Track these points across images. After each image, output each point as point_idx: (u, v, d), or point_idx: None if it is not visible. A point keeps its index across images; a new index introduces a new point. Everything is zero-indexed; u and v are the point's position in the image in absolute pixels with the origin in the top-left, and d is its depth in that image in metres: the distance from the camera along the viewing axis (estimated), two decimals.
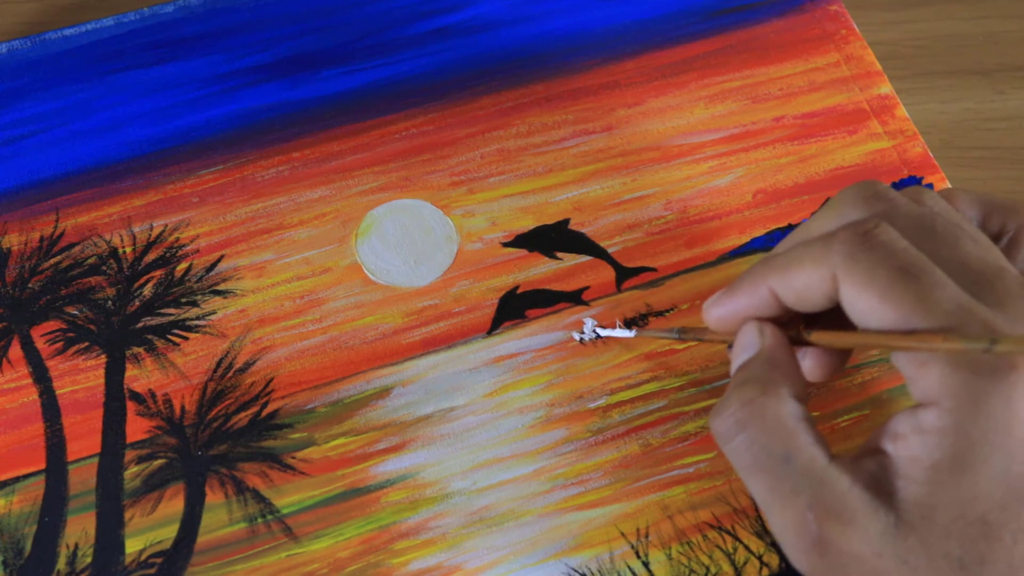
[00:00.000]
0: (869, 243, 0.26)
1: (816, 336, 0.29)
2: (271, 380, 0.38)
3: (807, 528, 0.26)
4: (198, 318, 0.39)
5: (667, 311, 0.39)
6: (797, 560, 0.27)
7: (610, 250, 0.41)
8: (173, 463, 0.36)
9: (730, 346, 0.31)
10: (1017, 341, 0.23)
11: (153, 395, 0.38)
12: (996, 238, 0.30)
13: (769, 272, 0.28)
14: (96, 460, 0.36)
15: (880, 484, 0.26)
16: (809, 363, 0.31)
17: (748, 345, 0.29)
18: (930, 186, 0.42)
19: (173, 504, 0.36)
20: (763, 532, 0.35)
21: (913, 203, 0.28)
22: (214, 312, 0.39)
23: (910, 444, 0.26)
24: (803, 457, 0.26)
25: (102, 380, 0.38)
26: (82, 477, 0.36)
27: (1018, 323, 0.25)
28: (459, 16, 0.46)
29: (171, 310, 0.39)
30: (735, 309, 0.30)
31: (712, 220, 0.42)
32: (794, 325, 0.30)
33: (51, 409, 0.37)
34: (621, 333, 0.38)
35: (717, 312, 0.30)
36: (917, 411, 0.26)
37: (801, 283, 0.27)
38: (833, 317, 0.28)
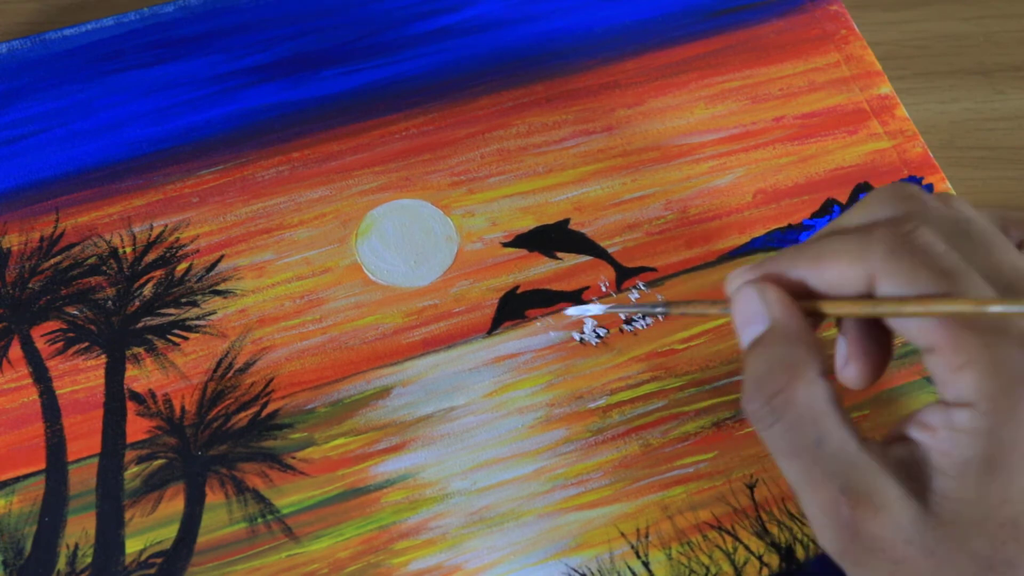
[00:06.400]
0: (911, 244, 0.26)
1: (828, 305, 0.27)
2: (271, 380, 0.38)
3: (839, 511, 0.26)
4: (198, 318, 0.39)
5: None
6: (828, 542, 0.27)
7: (610, 250, 0.41)
8: (173, 463, 0.36)
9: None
10: (1013, 302, 0.23)
11: (153, 395, 0.38)
12: None
13: (800, 260, 0.28)
14: (96, 460, 0.36)
15: (910, 471, 0.26)
16: (852, 371, 0.30)
17: (754, 316, 0.29)
18: (929, 187, 0.42)
19: (173, 504, 0.36)
20: (763, 532, 0.35)
21: (945, 207, 0.28)
22: (214, 312, 0.39)
23: (940, 438, 0.26)
24: (834, 441, 0.26)
25: (102, 380, 0.38)
26: (82, 477, 0.36)
27: None
28: (459, 16, 0.46)
29: (171, 310, 0.39)
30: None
31: (712, 220, 0.42)
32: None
33: (51, 409, 0.37)
34: (592, 309, 0.35)
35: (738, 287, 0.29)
36: (950, 408, 0.25)
37: (834, 275, 0.27)
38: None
